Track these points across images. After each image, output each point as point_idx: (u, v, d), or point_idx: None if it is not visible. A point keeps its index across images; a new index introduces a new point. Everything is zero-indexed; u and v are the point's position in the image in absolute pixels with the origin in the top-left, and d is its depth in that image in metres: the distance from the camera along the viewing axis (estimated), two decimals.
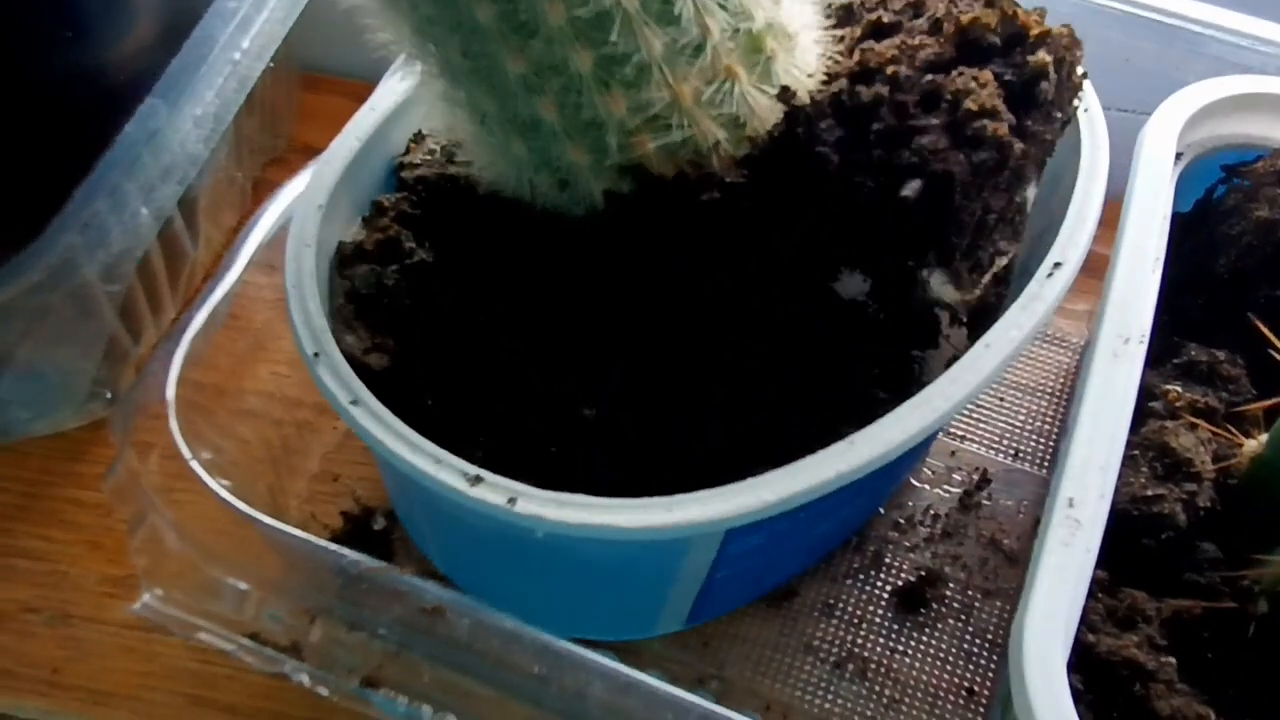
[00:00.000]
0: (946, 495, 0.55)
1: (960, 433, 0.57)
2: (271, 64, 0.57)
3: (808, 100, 0.42)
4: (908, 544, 0.53)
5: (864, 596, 0.52)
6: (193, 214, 0.51)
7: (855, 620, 0.51)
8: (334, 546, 0.37)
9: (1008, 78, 0.43)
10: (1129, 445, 0.46)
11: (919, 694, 0.49)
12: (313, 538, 0.37)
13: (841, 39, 0.45)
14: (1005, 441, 0.57)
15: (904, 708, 0.49)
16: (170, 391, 0.39)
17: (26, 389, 0.42)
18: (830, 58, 0.44)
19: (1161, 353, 0.50)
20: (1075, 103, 0.46)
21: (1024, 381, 0.59)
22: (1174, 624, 0.42)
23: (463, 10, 0.36)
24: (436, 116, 0.43)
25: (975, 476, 0.55)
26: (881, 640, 0.51)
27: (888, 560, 0.53)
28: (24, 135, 0.43)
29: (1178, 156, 0.51)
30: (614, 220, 0.41)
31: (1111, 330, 0.44)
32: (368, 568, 0.36)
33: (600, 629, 0.47)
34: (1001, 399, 0.59)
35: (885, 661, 0.50)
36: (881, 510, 0.54)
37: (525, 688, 0.35)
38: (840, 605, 0.52)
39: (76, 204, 0.42)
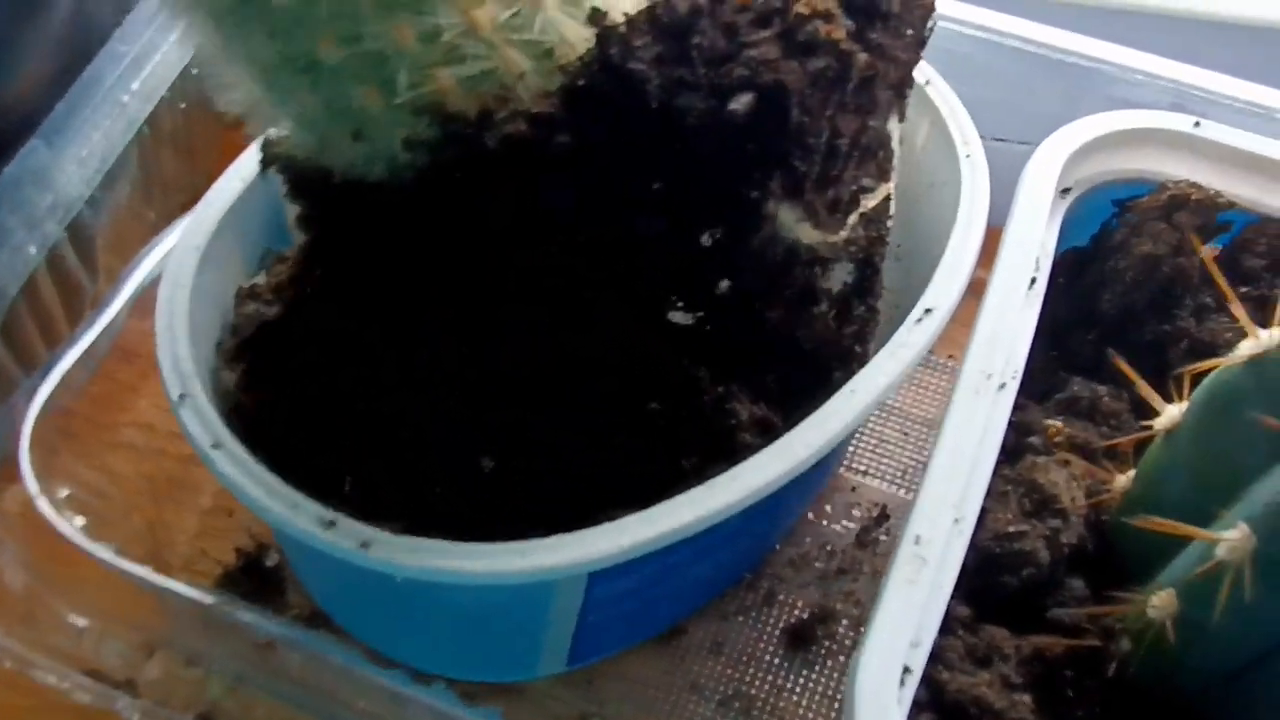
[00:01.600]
0: (844, 531, 0.55)
1: (862, 467, 0.57)
2: (184, 105, 0.58)
3: (622, 19, 0.38)
4: (801, 581, 0.53)
5: (753, 634, 0.52)
6: (89, 250, 0.52)
7: (744, 658, 0.51)
8: (167, 581, 0.37)
9: None
10: (1002, 481, 0.46)
11: None
12: (148, 572, 0.37)
13: None
14: (907, 476, 0.57)
15: None
16: (28, 426, 0.40)
17: None
18: None
19: (1048, 388, 0.50)
20: (929, 24, 0.44)
21: (929, 415, 0.59)
22: (1033, 662, 0.41)
23: None
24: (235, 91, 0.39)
25: (874, 512, 0.55)
26: (769, 678, 0.51)
27: (780, 598, 0.53)
28: None
29: (1065, 191, 0.52)
30: (421, 178, 0.39)
31: (974, 366, 0.44)
32: (202, 602, 0.36)
33: (480, 670, 0.47)
34: (905, 433, 0.59)
35: (772, 700, 0.50)
36: (777, 547, 0.54)
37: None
38: (729, 643, 0.51)
39: None
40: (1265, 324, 0.38)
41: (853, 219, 0.42)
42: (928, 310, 0.45)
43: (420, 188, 0.38)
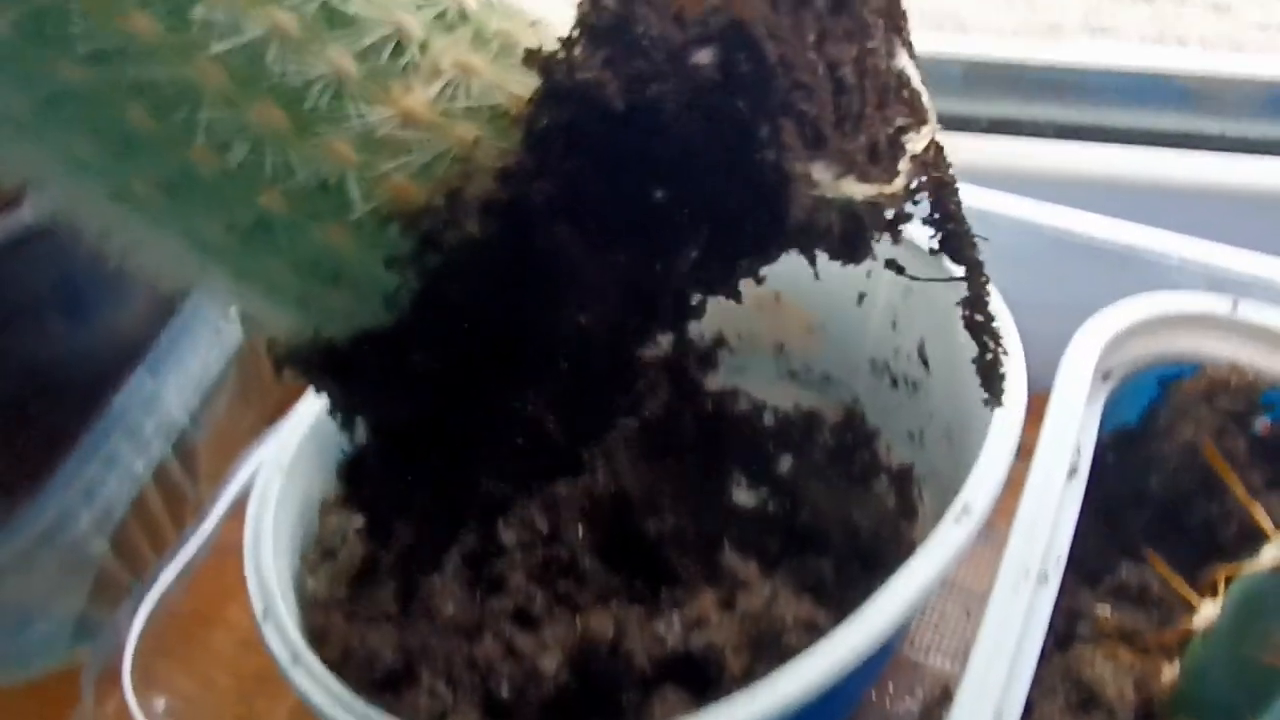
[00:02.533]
0: (905, 713, 0.56)
1: (924, 645, 0.58)
2: None
3: (559, 46, 0.33)
4: None
5: None
6: (191, 461, 0.57)
7: None
8: None
9: None
10: (1050, 672, 0.47)
11: None
12: None
13: None
14: (969, 653, 0.58)
15: None
16: (132, 639, 0.44)
17: (13, 639, 0.47)
18: None
19: (1098, 570, 0.51)
20: None
21: (989, 590, 0.60)
22: None
23: (119, 127, 0.30)
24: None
25: (937, 692, 0.56)
26: None
27: None
28: (23, 409, 0.50)
29: (1106, 375, 0.53)
30: (418, 297, 0.34)
31: (1012, 563, 0.45)
32: None
33: None
34: (967, 610, 0.59)
35: None
36: None
37: None
38: None
39: (71, 467, 0.48)
40: None
41: (904, 164, 0.37)
42: (966, 508, 0.47)
43: (422, 306, 0.34)
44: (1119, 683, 0.45)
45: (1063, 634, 0.48)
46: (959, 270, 0.54)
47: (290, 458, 0.49)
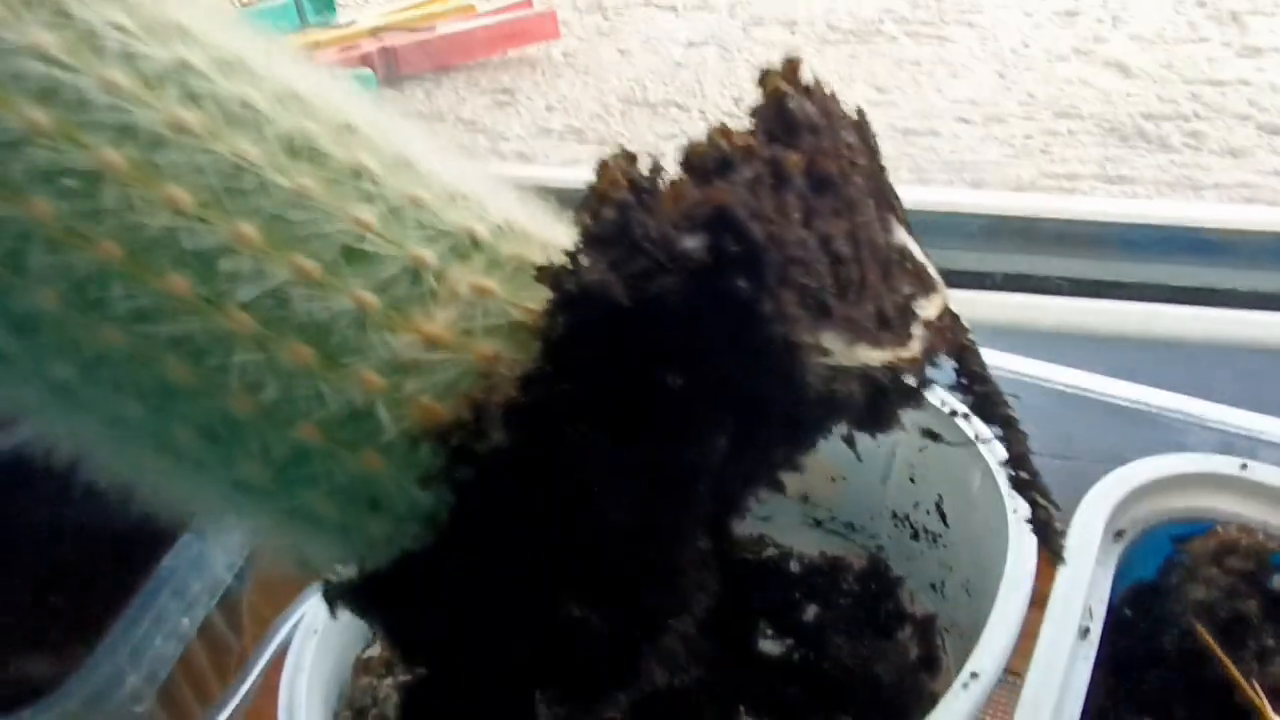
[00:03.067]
0: None
1: None
2: None
3: (564, 257, 0.35)
4: None
5: None
6: (235, 615, 0.59)
7: None
8: None
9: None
10: None
11: None
12: None
13: None
14: None
15: None
16: None
17: None
18: None
19: None
20: (868, 131, 0.40)
21: None
22: None
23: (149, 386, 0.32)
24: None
25: None
26: None
27: None
28: (80, 573, 0.53)
29: (1119, 534, 0.54)
30: (456, 513, 0.35)
31: None
32: None
33: None
34: None
35: None
36: None
37: None
38: None
39: (121, 630, 0.51)
40: None
41: (917, 329, 0.38)
42: (974, 674, 0.48)
43: (459, 520, 0.35)
44: None
45: None
46: (985, 431, 0.56)
47: (323, 624, 0.52)
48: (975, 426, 0.58)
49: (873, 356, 0.35)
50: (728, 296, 0.32)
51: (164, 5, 0.34)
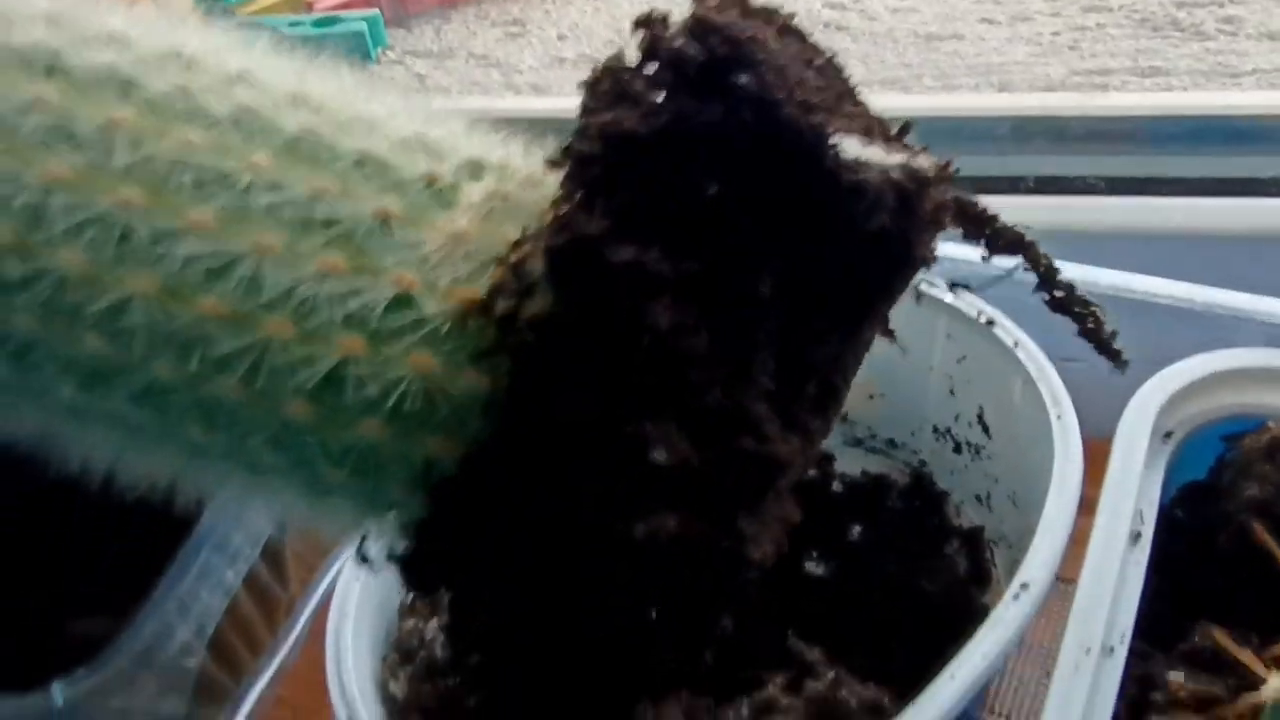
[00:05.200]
0: None
1: (1004, 710, 0.58)
2: None
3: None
4: None
5: None
6: (280, 565, 0.59)
7: None
8: None
9: None
10: None
11: None
12: None
13: None
14: None
15: None
16: None
17: None
18: None
19: (1170, 635, 0.51)
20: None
21: None
22: None
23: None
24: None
25: None
26: None
27: None
28: (125, 532, 0.53)
29: (1168, 435, 0.53)
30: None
31: (1072, 642, 0.45)
32: None
33: None
34: (1047, 671, 0.59)
35: None
36: None
37: None
38: None
39: (167, 585, 0.51)
40: None
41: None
42: (1024, 585, 0.47)
43: (522, 387, 0.32)
44: None
45: (1136, 701, 0.48)
46: (1024, 337, 0.55)
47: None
48: (1013, 333, 0.57)
49: (890, 157, 0.34)
50: (733, 92, 0.32)
51: None
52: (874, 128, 0.36)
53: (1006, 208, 0.50)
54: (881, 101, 0.38)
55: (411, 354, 0.32)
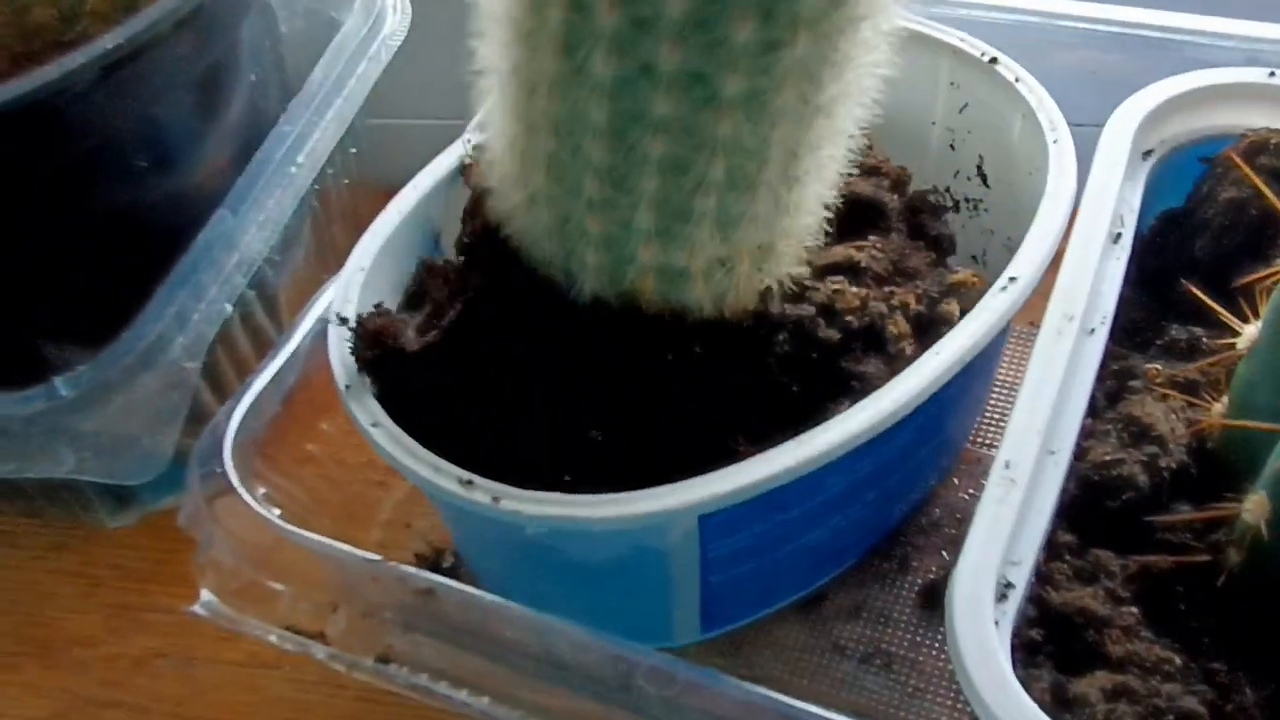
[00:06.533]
0: (970, 499, 0.57)
1: (988, 441, 0.60)
2: (347, 181, 0.67)
3: (779, 308, 0.47)
4: (933, 546, 0.56)
5: (890, 597, 0.55)
6: (274, 307, 0.60)
7: (882, 619, 0.54)
8: (345, 547, 0.43)
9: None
10: (1104, 422, 0.48)
11: (941, 683, 0.52)
12: (326, 539, 0.44)
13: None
14: None
15: (928, 696, 0.52)
16: (229, 440, 0.47)
17: (120, 459, 0.51)
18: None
19: (1150, 337, 0.52)
20: None
21: None
22: (1142, 579, 0.43)
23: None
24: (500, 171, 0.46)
25: None
26: (907, 636, 0.54)
27: (914, 563, 0.56)
28: (118, 247, 0.53)
29: (1148, 153, 0.54)
30: (595, 320, 0.46)
31: (1056, 310, 0.47)
32: (371, 560, 0.42)
33: (622, 636, 0.51)
34: None
35: (910, 655, 0.53)
36: (907, 516, 0.57)
37: (508, 657, 0.40)
38: (868, 606, 0.55)
39: (162, 296, 0.52)
40: None
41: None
42: (1012, 278, 0.48)
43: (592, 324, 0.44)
44: (1170, 420, 0.46)
45: (1115, 392, 0.49)
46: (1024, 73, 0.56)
47: (369, 261, 0.53)
48: (1014, 69, 0.57)
49: None
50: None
51: None
52: None
53: None
54: None
55: None
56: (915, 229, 0.57)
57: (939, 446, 0.56)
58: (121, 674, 0.58)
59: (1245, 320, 0.45)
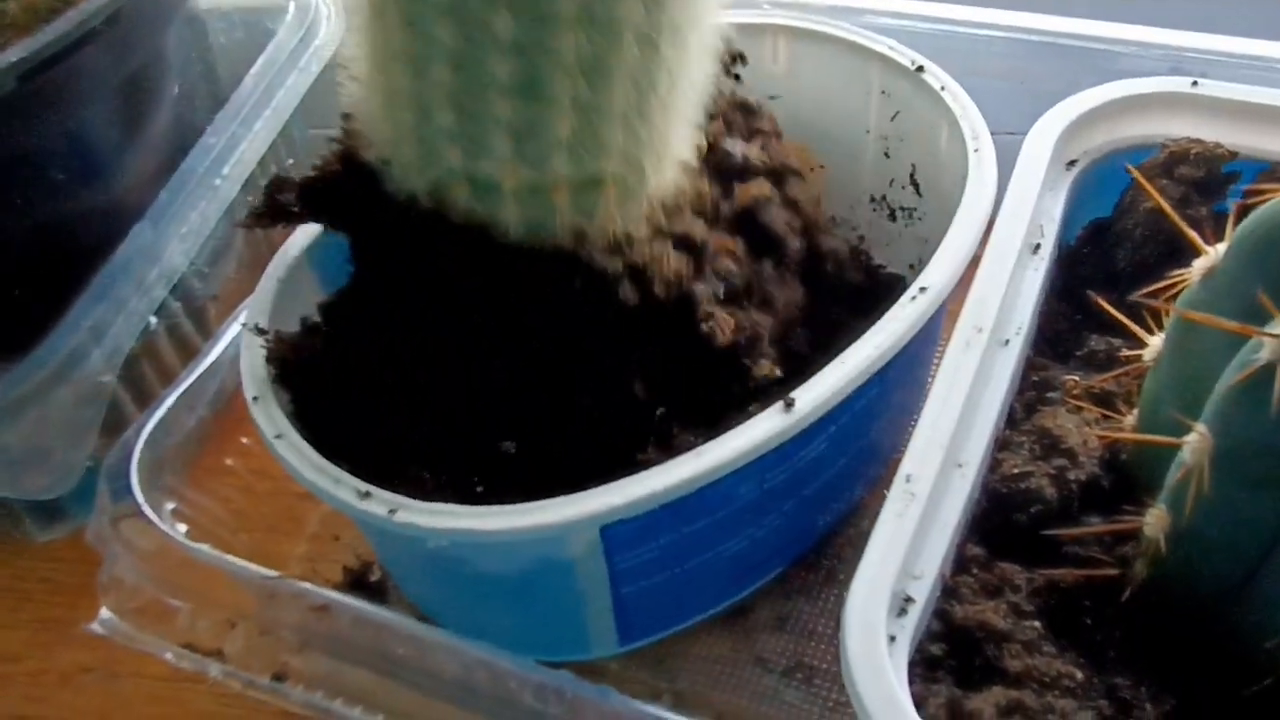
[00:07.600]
0: None
1: None
2: None
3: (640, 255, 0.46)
4: (860, 558, 0.56)
5: (815, 610, 0.55)
6: (203, 318, 0.60)
7: (805, 633, 0.54)
8: (243, 563, 0.43)
9: None
10: (1019, 434, 0.48)
11: None
12: (226, 555, 0.43)
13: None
14: None
15: (848, 711, 0.51)
16: (136, 453, 0.47)
17: (34, 471, 0.51)
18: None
19: (1071, 348, 0.52)
20: None
21: None
22: (1047, 593, 0.43)
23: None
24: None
25: None
26: (830, 650, 0.53)
27: (840, 576, 0.56)
28: (37, 261, 0.53)
29: (1073, 163, 0.54)
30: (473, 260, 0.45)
31: (966, 323, 0.46)
32: (268, 577, 0.42)
33: (540, 649, 0.51)
34: None
35: (833, 669, 0.52)
36: (831, 529, 0.57)
37: (401, 674, 0.40)
38: (791, 619, 0.54)
39: (79, 310, 0.52)
40: None
41: None
42: (922, 288, 0.48)
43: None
44: (1082, 432, 0.46)
45: (1032, 403, 0.49)
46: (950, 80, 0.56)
47: (284, 273, 0.52)
48: (940, 77, 0.57)
49: None
50: None
51: None
52: None
53: None
54: None
55: None
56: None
57: (861, 456, 0.56)
58: (46, 690, 0.58)
59: (1151, 332, 0.45)
